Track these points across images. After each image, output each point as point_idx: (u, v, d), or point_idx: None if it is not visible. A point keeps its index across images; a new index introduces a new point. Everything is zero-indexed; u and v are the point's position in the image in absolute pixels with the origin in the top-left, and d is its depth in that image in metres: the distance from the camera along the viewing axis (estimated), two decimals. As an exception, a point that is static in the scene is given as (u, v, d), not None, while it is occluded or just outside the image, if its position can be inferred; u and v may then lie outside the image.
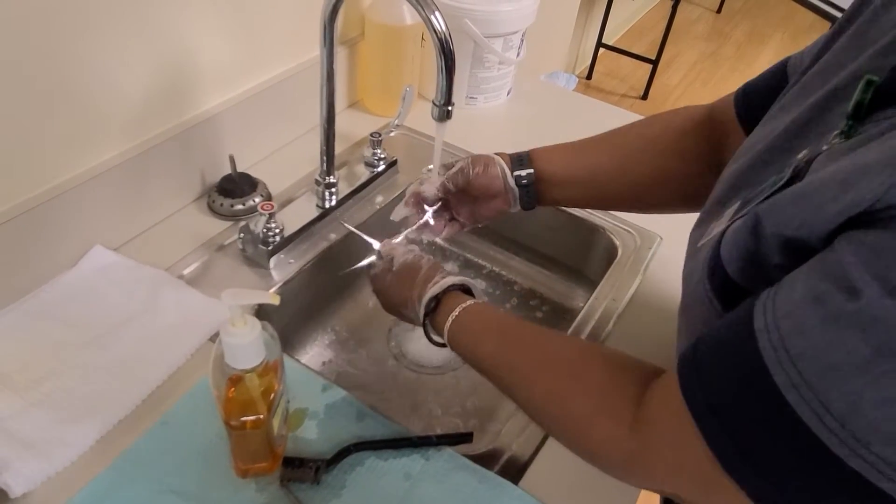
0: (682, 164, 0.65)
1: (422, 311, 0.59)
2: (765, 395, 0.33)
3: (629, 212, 0.66)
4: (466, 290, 0.60)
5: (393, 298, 0.64)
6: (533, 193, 0.68)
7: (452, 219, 0.74)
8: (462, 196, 0.71)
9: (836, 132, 0.37)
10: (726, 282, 0.40)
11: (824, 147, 0.37)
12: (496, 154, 0.69)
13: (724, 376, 0.36)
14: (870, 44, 0.40)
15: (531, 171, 0.67)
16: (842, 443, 0.30)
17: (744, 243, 0.38)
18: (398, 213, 0.72)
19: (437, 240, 0.77)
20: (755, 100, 0.58)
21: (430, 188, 0.69)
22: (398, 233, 0.71)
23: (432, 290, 0.59)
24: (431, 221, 0.72)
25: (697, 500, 0.40)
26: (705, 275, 0.42)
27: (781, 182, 0.38)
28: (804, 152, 0.39)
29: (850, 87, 0.38)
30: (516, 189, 0.68)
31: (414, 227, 0.72)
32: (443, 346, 0.59)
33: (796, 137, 0.42)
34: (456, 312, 0.57)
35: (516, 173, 0.67)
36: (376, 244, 0.69)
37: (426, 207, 0.71)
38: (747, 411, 0.34)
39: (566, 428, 0.48)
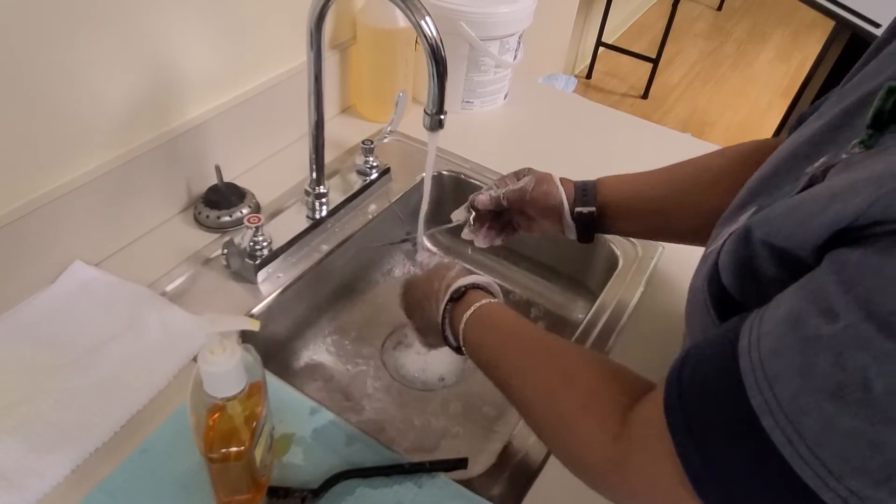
0: None
1: (445, 299, 0.60)
2: (741, 418, 0.32)
3: (697, 245, 0.63)
4: (490, 293, 0.61)
5: (419, 291, 0.64)
6: (592, 229, 0.68)
7: (508, 224, 0.75)
8: (518, 208, 0.71)
9: (855, 141, 0.34)
10: (722, 292, 0.39)
11: (843, 156, 0.35)
12: (561, 180, 0.68)
13: (704, 394, 0.35)
14: None
15: (593, 209, 0.66)
16: (815, 474, 0.29)
17: (736, 252, 0.37)
18: (457, 215, 0.75)
19: (428, 245, 0.76)
20: None
21: (484, 199, 0.71)
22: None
23: (460, 282, 0.60)
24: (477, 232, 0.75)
25: None
26: (705, 282, 0.41)
27: (795, 192, 0.36)
28: (822, 160, 0.37)
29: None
30: (573, 224, 0.67)
31: (468, 230, 0.74)
32: (456, 348, 0.60)
33: (820, 144, 0.40)
34: (476, 305, 0.57)
35: (577, 210, 0.66)
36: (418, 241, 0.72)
37: (479, 212, 0.73)
38: (723, 433, 0.33)
39: (553, 426, 0.47)
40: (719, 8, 4.07)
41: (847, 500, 0.29)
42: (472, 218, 0.74)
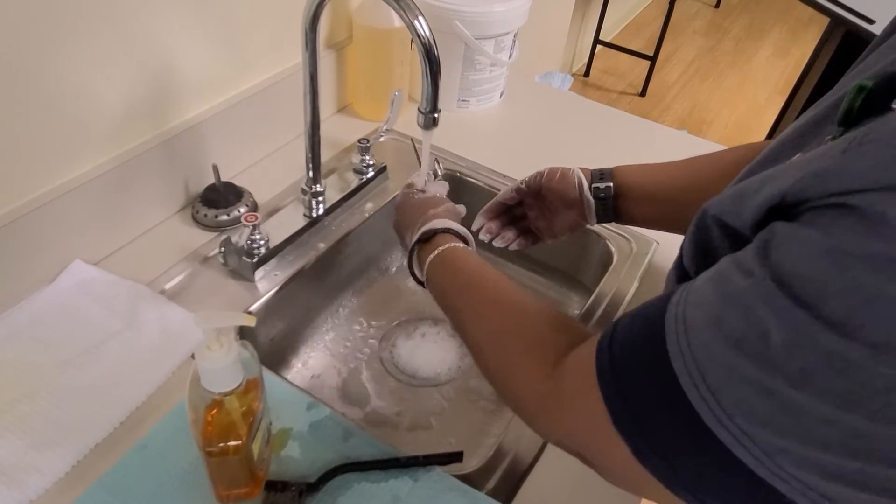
0: None
1: (414, 238, 0.62)
2: (657, 362, 0.34)
3: None
4: (463, 239, 0.62)
5: (404, 219, 0.68)
6: (610, 207, 0.68)
7: (528, 231, 0.76)
8: (538, 205, 0.73)
9: (828, 138, 0.36)
10: (685, 275, 0.42)
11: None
12: (579, 168, 0.70)
13: (630, 340, 0.38)
14: None
15: (610, 184, 0.67)
16: (711, 413, 0.32)
17: (695, 234, 0.40)
18: (477, 222, 0.76)
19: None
20: None
21: (507, 192, 0.73)
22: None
23: (431, 224, 0.62)
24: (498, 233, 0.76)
25: (596, 457, 0.41)
26: (673, 269, 0.44)
27: None
28: (798, 155, 0.38)
29: None
30: (592, 201, 0.68)
31: (487, 234, 0.76)
32: (420, 282, 0.63)
33: (805, 136, 0.41)
34: (440, 249, 0.59)
35: (595, 185, 0.68)
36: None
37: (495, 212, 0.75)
38: (641, 375, 0.36)
39: (498, 367, 0.50)
40: (717, 5, 4.08)
41: (739, 438, 0.31)
42: (486, 221, 0.76)
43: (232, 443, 0.50)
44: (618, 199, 0.68)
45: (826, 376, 0.28)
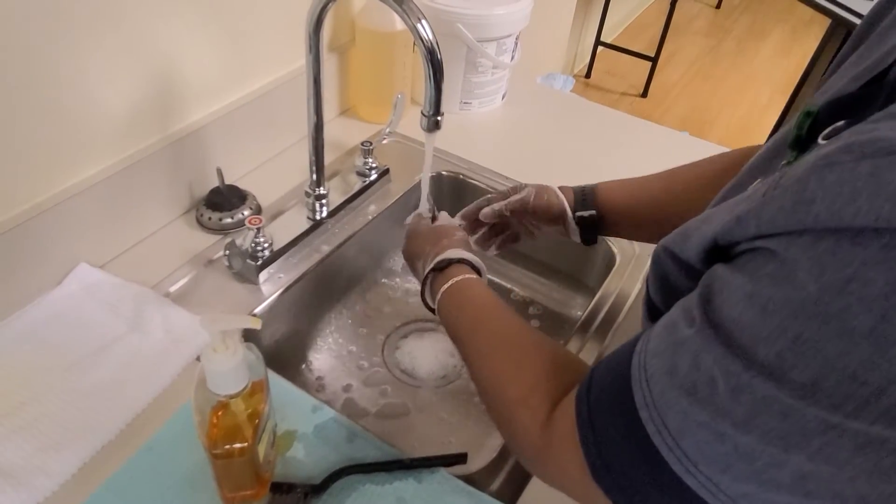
0: None
1: (428, 267, 0.62)
2: (626, 412, 0.35)
3: None
4: (476, 269, 0.62)
5: (416, 247, 0.67)
6: (594, 231, 0.69)
7: (508, 234, 0.77)
8: (520, 219, 0.73)
9: (783, 162, 0.37)
10: (652, 305, 0.43)
11: (775, 174, 0.36)
12: (560, 188, 0.70)
13: (603, 392, 0.38)
14: (862, 65, 0.39)
15: (593, 212, 0.68)
16: (678, 462, 0.32)
17: (655, 266, 0.41)
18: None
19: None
20: None
21: (488, 212, 0.73)
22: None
23: (445, 255, 0.61)
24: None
25: None
26: (644, 298, 0.45)
27: None
28: (758, 181, 0.38)
29: None
30: (577, 228, 0.69)
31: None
32: (432, 310, 0.62)
33: (767, 160, 0.42)
34: (454, 280, 0.59)
35: (578, 213, 0.68)
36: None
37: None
38: (615, 426, 0.36)
39: (498, 411, 0.50)
40: (718, 6, 4.08)
41: (705, 485, 0.32)
42: (463, 225, 0.75)
43: (237, 445, 0.50)
44: (601, 220, 0.68)
45: (766, 420, 0.29)
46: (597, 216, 0.68)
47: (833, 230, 0.26)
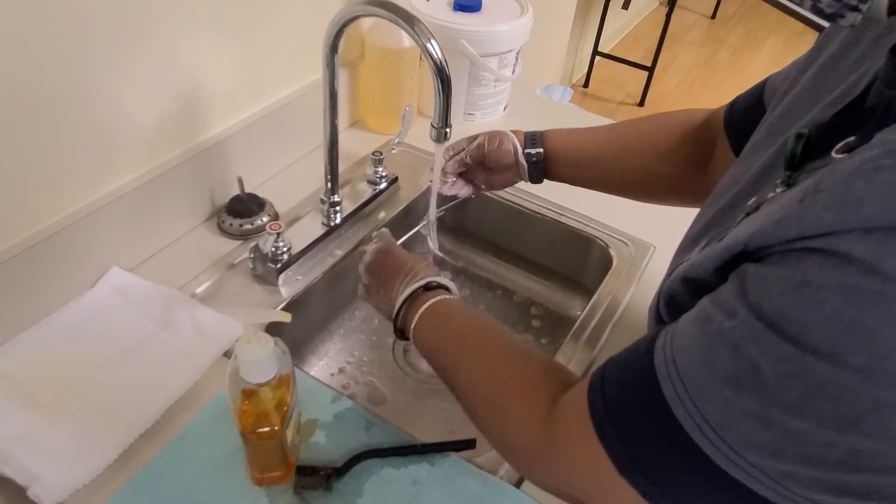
0: (665, 165, 0.69)
1: (402, 297, 0.61)
2: (655, 407, 0.36)
3: (629, 198, 0.72)
4: (448, 291, 0.62)
5: (381, 280, 0.65)
6: (541, 170, 0.75)
7: (470, 182, 0.82)
8: (479, 167, 0.79)
9: (778, 182, 0.40)
10: (663, 324, 0.43)
11: (770, 195, 0.40)
12: (512, 131, 0.76)
13: (623, 387, 0.39)
14: (826, 92, 0.43)
15: (541, 150, 0.74)
16: (721, 454, 0.33)
17: (667, 292, 0.43)
18: (424, 178, 0.83)
19: (438, 253, 0.81)
20: (737, 115, 0.62)
21: (452, 164, 0.79)
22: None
23: (419, 283, 0.61)
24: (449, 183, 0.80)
25: (596, 499, 0.42)
26: (653, 313, 0.46)
27: (734, 226, 0.41)
28: (754, 199, 0.42)
29: None
30: (526, 164, 0.75)
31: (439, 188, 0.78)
32: (405, 338, 0.62)
33: (756, 182, 0.45)
34: (431, 301, 0.59)
35: (527, 151, 0.74)
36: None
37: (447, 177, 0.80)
38: (640, 422, 0.37)
39: (489, 411, 0.51)
40: (713, 16, 4.14)
41: (749, 472, 0.33)
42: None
43: (265, 429, 0.55)
44: (547, 161, 0.74)
45: (822, 403, 0.30)
46: (543, 155, 0.74)
47: (883, 227, 0.28)
